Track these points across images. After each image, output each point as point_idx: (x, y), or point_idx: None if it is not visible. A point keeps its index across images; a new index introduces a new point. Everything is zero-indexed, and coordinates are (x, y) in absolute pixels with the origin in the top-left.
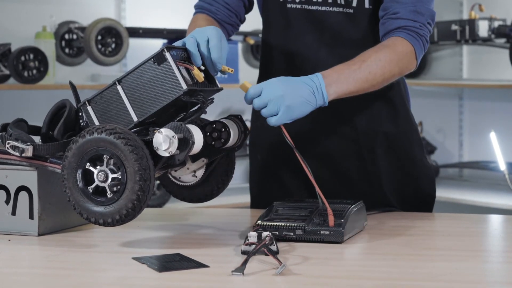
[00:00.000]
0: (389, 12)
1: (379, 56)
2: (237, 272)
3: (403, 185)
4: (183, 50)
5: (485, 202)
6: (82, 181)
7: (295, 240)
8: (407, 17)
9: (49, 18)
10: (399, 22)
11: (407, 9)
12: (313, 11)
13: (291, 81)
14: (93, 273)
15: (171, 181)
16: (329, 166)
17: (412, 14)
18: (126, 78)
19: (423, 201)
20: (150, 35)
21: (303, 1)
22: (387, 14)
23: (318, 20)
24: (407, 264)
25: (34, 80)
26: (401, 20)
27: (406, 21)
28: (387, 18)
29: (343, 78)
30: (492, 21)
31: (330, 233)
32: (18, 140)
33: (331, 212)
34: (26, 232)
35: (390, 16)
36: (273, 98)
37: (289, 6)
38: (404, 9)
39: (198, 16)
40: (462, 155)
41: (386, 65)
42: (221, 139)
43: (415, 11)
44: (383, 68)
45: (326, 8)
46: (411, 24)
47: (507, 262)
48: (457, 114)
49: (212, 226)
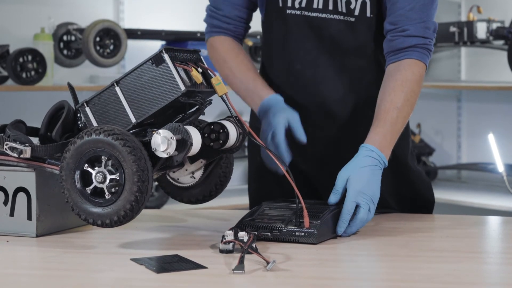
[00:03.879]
0: (399, 28)
1: (408, 95)
2: (238, 270)
3: (400, 187)
4: (182, 51)
5: (483, 203)
6: (80, 182)
7: (272, 240)
8: (418, 34)
9: (48, 20)
10: (411, 41)
11: (418, 26)
12: (312, 18)
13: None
14: (91, 274)
15: (169, 182)
16: (327, 169)
17: (422, 30)
18: (124, 79)
19: (421, 205)
20: (148, 37)
21: (303, 7)
22: (396, 31)
23: (318, 27)
24: (405, 265)
25: (33, 82)
26: (413, 39)
27: (418, 39)
28: (397, 36)
29: (389, 138)
30: (490, 23)
31: (304, 235)
32: (17, 141)
33: (306, 213)
34: (24, 233)
35: (400, 33)
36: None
37: (288, 12)
38: (414, 26)
39: (219, 39)
40: (461, 157)
41: (413, 99)
42: (219, 140)
43: (425, 26)
44: (413, 103)
45: (326, 15)
46: (422, 42)
47: (505, 263)
48: (455, 116)
49: (210, 227)
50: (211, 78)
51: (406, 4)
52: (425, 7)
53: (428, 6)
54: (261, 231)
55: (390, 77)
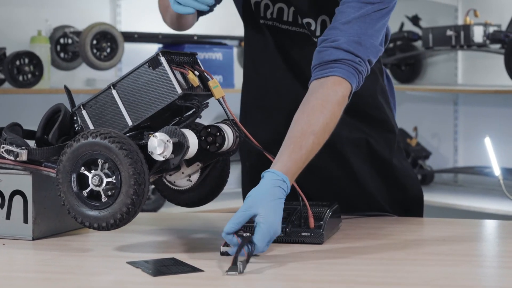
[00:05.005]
0: (329, 39)
1: (327, 119)
2: (232, 271)
3: (388, 187)
4: (178, 54)
5: (480, 207)
6: (76, 185)
7: (275, 241)
8: (347, 48)
9: (45, 23)
10: (338, 54)
11: (349, 39)
12: (284, 30)
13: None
14: (87, 277)
15: (166, 186)
16: (316, 173)
17: (353, 45)
18: (121, 82)
19: (411, 202)
20: (145, 40)
21: (274, 18)
22: (326, 41)
23: (288, 38)
24: (401, 269)
25: (29, 85)
26: (341, 52)
27: (346, 54)
28: (326, 46)
29: (301, 165)
30: (487, 26)
31: (310, 235)
32: (13, 144)
33: (311, 214)
34: (21, 236)
35: (329, 43)
36: None
37: (262, 22)
38: (345, 38)
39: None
40: (457, 160)
41: (332, 123)
42: (216, 144)
43: (358, 42)
44: (331, 128)
45: (295, 28)
46: (350, 58)
47: (501, 267)
48: (452, 119)
49: (206, 230)
50: (208, 81)
51: (342, 18)
52: (365, 24)
53: (370, 24)
54: None
55: (311, 95)
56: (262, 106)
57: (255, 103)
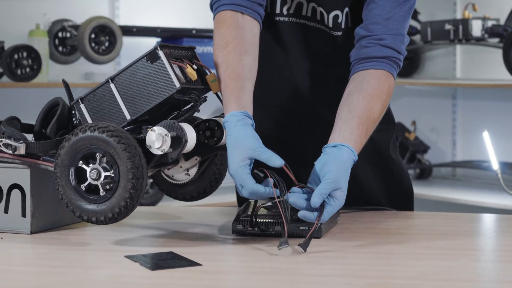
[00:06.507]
0: (375, 36)
1: (383, 108)
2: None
3: (384, 179)
4: (177, 48)
5: (478, 201)
6: (74, 179)
7: (274, 235)
8: (395, 47)
9: (43, 16)
10: (386, 52)
11: (396, 38)
12: (301, 25)
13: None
14: (85, 271)
15: (164, 180)
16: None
17: (398, 44)
18: (119, 76)
19: (404, 196)
20: (143, 34)
21: (291, 14)
22: (372, 38)
23: (304, 34)
24: (400, 263)
25: (27, 78)
26: (389, 50)
27: (393, 52)
28: (374, 43)
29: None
30: (485, 20)
31: (309, 229)
32: (11, 138)
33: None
34: (19, 230)
35: (376, 41)
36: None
37: (276, 19)
38: (392, 36)
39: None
40: (455, 155)
41: (382, 114)
42: (214, 137)
43: (401, 40)
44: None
45: (313, 24)
46: (395, 56)
47: (499, 261)
48: (450, 113)
49: (204, 224)
50: (206, 75)
51: (384, 13)
52: (403, 19)
53: (405, 19)
54: (262, 227)
55: (366, 82)
56: (262, 102)
57: (254, 99)
